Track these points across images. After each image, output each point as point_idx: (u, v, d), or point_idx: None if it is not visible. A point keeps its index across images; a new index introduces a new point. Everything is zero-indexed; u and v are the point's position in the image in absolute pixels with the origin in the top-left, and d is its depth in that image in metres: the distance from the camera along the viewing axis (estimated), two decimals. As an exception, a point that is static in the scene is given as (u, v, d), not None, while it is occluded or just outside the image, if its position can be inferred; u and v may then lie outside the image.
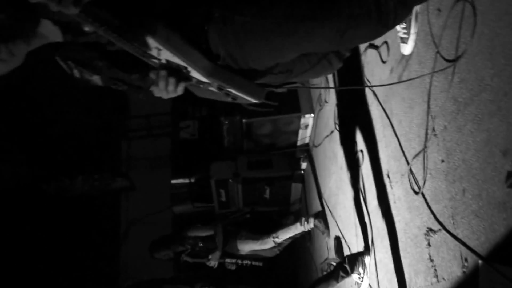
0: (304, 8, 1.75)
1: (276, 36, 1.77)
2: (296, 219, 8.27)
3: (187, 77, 1.82)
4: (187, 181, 9.92)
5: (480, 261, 2.07)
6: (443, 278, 2.48)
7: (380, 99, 3.42)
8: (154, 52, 1.70)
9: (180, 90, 1.81)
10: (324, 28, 1.77)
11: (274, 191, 8.34)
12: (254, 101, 1.98)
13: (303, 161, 7.43)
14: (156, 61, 1.75)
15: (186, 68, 1.77)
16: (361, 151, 4.00)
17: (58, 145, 8.86)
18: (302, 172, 7.80)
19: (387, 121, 3.26)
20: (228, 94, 1.92)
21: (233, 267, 6.18)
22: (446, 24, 2.29)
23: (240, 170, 8.07)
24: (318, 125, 6.29)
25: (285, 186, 8.30)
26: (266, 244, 6.02)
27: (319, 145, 6.16)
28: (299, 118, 6.73)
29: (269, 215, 8.93)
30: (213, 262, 5.95)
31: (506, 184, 1.85)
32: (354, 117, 4.19)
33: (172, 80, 1.75)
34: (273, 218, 8.92)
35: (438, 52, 2.40)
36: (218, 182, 8.18)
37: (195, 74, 1.80)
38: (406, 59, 2.89)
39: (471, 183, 2.13)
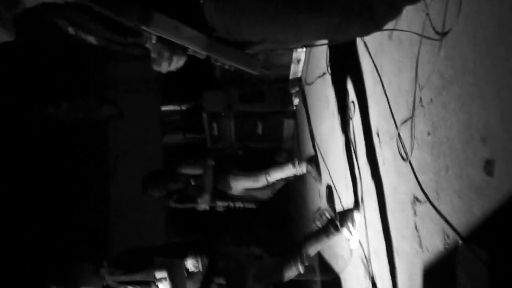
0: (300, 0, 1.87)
1: (272, 21, 1.89)
2: (289, 157, 8.49)
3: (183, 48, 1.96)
4: (177, 108, 10.05)
5: (460, 241, 2.26)
6: (427, 249, 2.68)
7: (371, 53, 3.52)
8: (149, 29, 1.83)
9: (182, 61, 1.95)
10: (318, 21, 1.89)
11: (267, 127, 8.51)
12: (250, 71, 2.12)
13: (296, 97, 7.54)
14: (152, 35, 1.88)
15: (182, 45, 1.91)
16: (353, 102, 4.14)
17: (42, 70, 8.89)
18: (294, 108, 7.93)
19: (378, 77, 3.38)
20: (224, 64, 2.07)
21: (222, 209, 6.37)
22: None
23: (232, 103, 8.19)
24: (310, 62, 6.37)
25: (278, 122, 8.45)
26: (259, 182, 6.16)
27: (311, 83, 6.27)
28: (291, 52, 6.81)
29: (261, 152, 9.12)
30: (203, 206, 6.13)
31: (484, 172, 2.00)
32: (346, 66, 4.30)
33: (179, 51, 1.89)
34: (266, 155, 9.13)
35: (428, 15, 2.49)
36: (210, 115, 8.35)
37: (191, 47, 1.93)
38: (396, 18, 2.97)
39: (454, 162, 2.28)
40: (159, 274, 3.32)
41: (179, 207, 6.25)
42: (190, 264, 3.44)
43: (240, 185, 6.19)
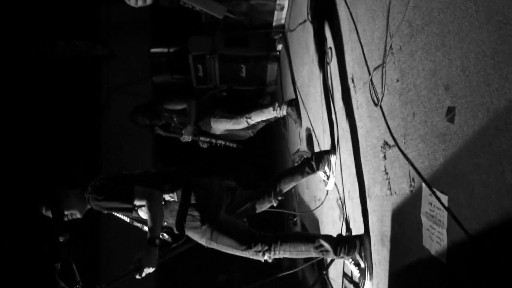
0: None
1: None
2: (272, 100, 8.54)
3: None
4: (166, 50, 10.12)
5: (423, 184, 2.32)
6: (395, 192, 2.75)
7: (347, 1, 3.52)
8: None
9: (149, 1, 2.06)
10: None
11: (251, 70, 8.55)
12: (215, 16, 2.23)
13: (279, 43, 7.54)
14: None
15: None
16: (330, 48, 4.15)
17: (40, 10, 9.00)
18: (278, 53, 7.92)
19: (353, 25, 3.39)
20: (193, 7, 2.17)
21: (206, 146, 6.44)
22: None
23: (218, 46, 8.24)
24: (293, 9, 6.33)
25: (261, 66, 8.48)
26: (239, 124, 6.20)
27: (293, 30, 6.25)
28: (275, -1, 6.78)
29: (245, 94, 9.17)
30: (186, 137, 6.16)
31: (446, 118, 2.05)
32: (325, 13, 4.29)
33: None
34: (250, 97, 9.17)
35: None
36: (196, 57, 8.42)
37: None
38: (369, -33, 2.98)
39: (419, 108, 2.33)
40: (138, 202, 3.42)
41: (163, 134, 6.30)
42: (167, 195, 3.53)
43: (221, 126, 6.24)
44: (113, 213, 3.67)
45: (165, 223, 3.59)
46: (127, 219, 3.71)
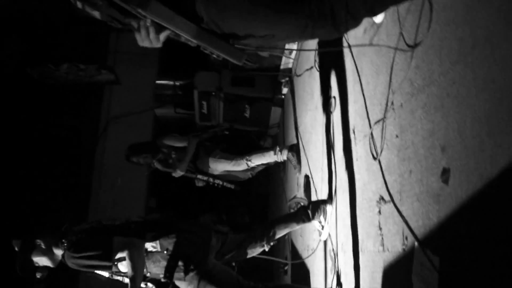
0: (274, 1, 2.03)
1: (251, 18, 2.11)
2: (274, 142, 8.59)
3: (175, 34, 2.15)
4: (171, 83, 10.18)
5: (416, 243, 2.35)
6: (388, 249, 2.78)
7: (354, 55, 3.61)
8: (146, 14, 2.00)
9: (162, 38, 2.13)
10: (287, 21, 2.06)
11: (255, 111, 8.61)
12: (235, 62, 2.30)
13: (285, 86, 7.63)
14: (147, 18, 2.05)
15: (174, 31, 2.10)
16: (334, 97, 4.22)
17: (50, 34, 9.10)
18: (283, 96, 8.01)
19: (357, 77, 3.47)
20: (212, 53, 2.23)
21: (202, 184, 6.45)
22: (410, 9, 2.47)
23: (224, 85, 8.32)
24: (301, 54, 6.43)
25: (265, 108, 8.55)
26: (239, 166, 6.24)
27: (300, 75, 6.35)
28: (282, 45, 6.88)
29: (247, 135, 9.21)
30: (179, 173, 6.17)
31: (441, 179, 2.09)
32: (331, 63, 4.38)
33: (152, 29, 2.06)
34: (252, 138, 9.21)
35: (401, 33, 2.59)
36: (201, 94, 8.49)
37: (183, 35, 2.10)
38: (377, 26, 3.06)
39: (416, 166, 2.38)
40: (118, 255, 3.37)
41: (160, 169, 6.30)
42: (149, 245, 3.48)
43: (220, 167, 6.28)
44: (90, 270, 3.61)
45: (148, 273, 3.55)
46: (106, 275, 3.65)
